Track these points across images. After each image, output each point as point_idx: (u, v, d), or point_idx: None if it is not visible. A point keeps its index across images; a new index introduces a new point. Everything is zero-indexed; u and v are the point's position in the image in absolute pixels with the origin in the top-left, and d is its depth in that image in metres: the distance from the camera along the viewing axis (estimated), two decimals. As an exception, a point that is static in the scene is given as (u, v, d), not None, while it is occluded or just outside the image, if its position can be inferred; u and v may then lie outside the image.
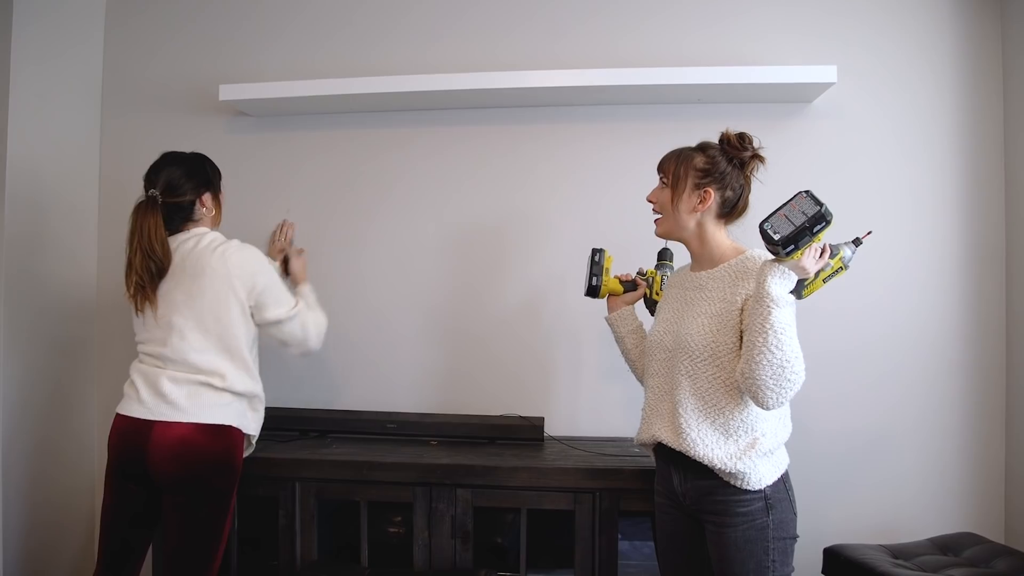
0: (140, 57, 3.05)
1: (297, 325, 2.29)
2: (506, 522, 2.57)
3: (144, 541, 2.21)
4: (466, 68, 2.74)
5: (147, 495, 2.12)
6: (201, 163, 2.32)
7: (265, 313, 2.22)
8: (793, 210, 1.57)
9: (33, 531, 2.70)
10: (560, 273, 2.77)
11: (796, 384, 1.62)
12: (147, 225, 2.13)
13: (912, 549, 2.30)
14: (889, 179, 2.67)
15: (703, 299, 1.82)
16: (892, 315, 2.66)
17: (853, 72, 2.66)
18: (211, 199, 2.30)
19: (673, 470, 1.86)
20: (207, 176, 2.31)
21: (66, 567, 2.87)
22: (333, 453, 2.40)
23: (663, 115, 2.73)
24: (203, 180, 2.29)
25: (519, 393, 2.78)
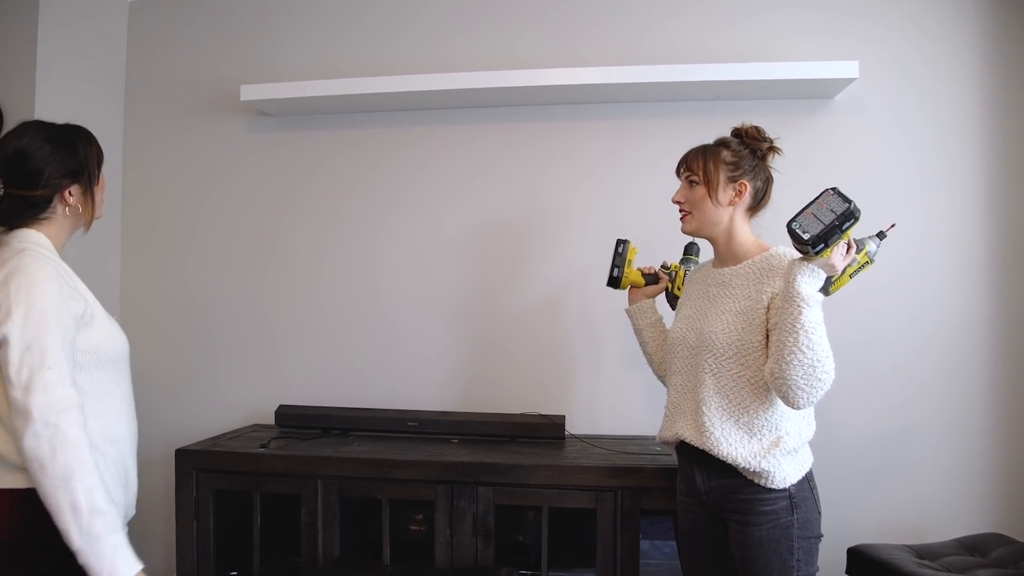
0: (162, 60, 3.09)
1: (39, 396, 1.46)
2: (527, 520, 2.57)
3: None
4: (483, 66, 2.75)
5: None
6: (62, 144, 1.68)
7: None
8: (821, 208, 1.56)
9: None
10: (581, 270, 2.76)
11: (827, 383, 1.61)
12: None
13: (938, 549, 2.27)
14: (911, 174, 2.64)
15: (727, 296, 1.81)
16: (916, 311, 2.63)
17: (875, 67, 2.63)
18: (79, 192, 1.69)
19: (696, 468, 1.85)
20: (69, 161, 1.68)
21: None
22: (355, 451, 2.41)
23: (682, 112, 2.72)
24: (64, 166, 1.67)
25: (540, 391, 2.79)
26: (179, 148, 3.05)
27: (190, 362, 3.02)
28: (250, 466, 2.38)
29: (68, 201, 1.68)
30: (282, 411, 2.74)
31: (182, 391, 3.00)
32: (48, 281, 1.54)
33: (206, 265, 3.00)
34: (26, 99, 2.65)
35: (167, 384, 2.99)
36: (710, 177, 1.84)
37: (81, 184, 1.69)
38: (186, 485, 2.41)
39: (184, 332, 3.03)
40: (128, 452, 1.71)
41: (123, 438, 1.69)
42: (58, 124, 1.73)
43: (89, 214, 1.73)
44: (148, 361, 2.93)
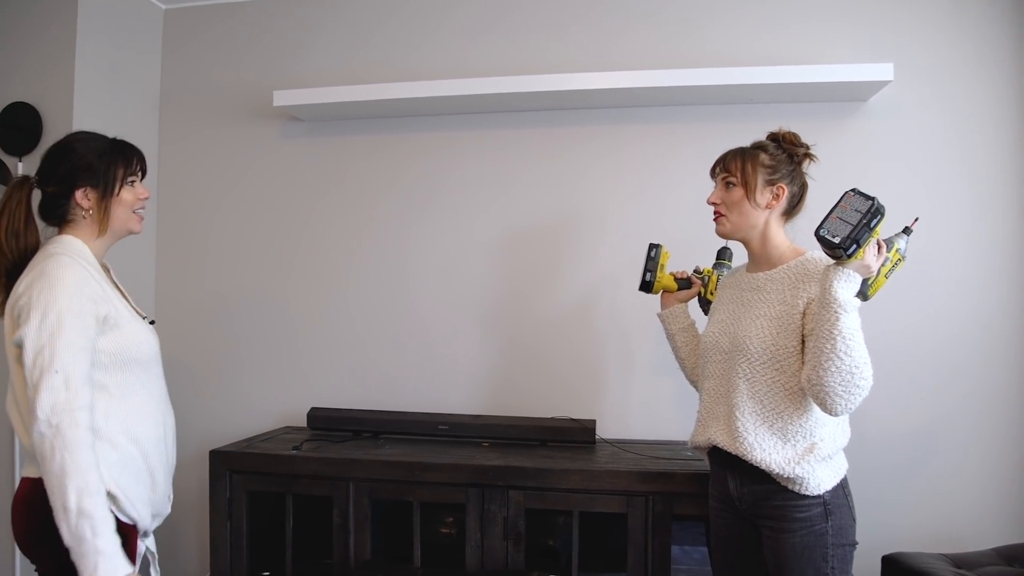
0: (196, 66, 3.14)
1: (45, 397, 1.52)
2: (558, 525, 2.56)
3: None
4: (515, 71, 2.76)
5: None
6: (88, 144, 1.77)
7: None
8: (845, 211, 1.55)
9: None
10: (613, 274, 2.76)
11: (865, 390, 1.60)
12: (4, 212, 1.72)
13: (975, 559, 2.24)
14: (948, 179, 2.61)
15: (761, 301, 1.80)
16: (952, 317, 2.60)
17: (910, 69, 2.60)
18: (95, 197, 1.75)
19: (729, 474, 1.84)
20: (91, 165, 1.73)
21: None
22: (386, 454, 2.42)
23: (715, 116, 2.71)
24: (83, 168, 1.73)
25: (570, 395, 2.79)
26: (213, 153, 3.09)
27: (223, 364, 3.06)
28: (283, 468, 2.40)
29: (83, 204, 1.74)
30: (314, 413, 2.76)
31: (215, 393, 3.03)
32: (68, 285, 1.60)
33: (239, 269, 3.04)
34: (64, 106, 2.70)
35: (200, 386, 3.03)
36: (748, 179, 1.82)
37: (98, 190, 1.74)
38: (220, 486, 2.44)
39: (217, 335, 3.07)
40: (154, 451, 1.75)
41: (148, 438, 1.73)
42: (103, 136, 1.80)
43: (105, 222, 1.76)
44: (181, 363, 2.97)
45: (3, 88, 2.75)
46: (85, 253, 1.73)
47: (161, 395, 1.83)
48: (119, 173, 1.76)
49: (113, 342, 1.68)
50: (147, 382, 1.77)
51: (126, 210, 1.79)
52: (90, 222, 1.75)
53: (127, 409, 1.69)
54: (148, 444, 1.73)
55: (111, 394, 1.67)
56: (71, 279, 1.62)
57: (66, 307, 1.59)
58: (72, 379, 1.55)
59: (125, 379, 1.70)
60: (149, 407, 1.76)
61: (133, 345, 1.72)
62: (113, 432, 1.65)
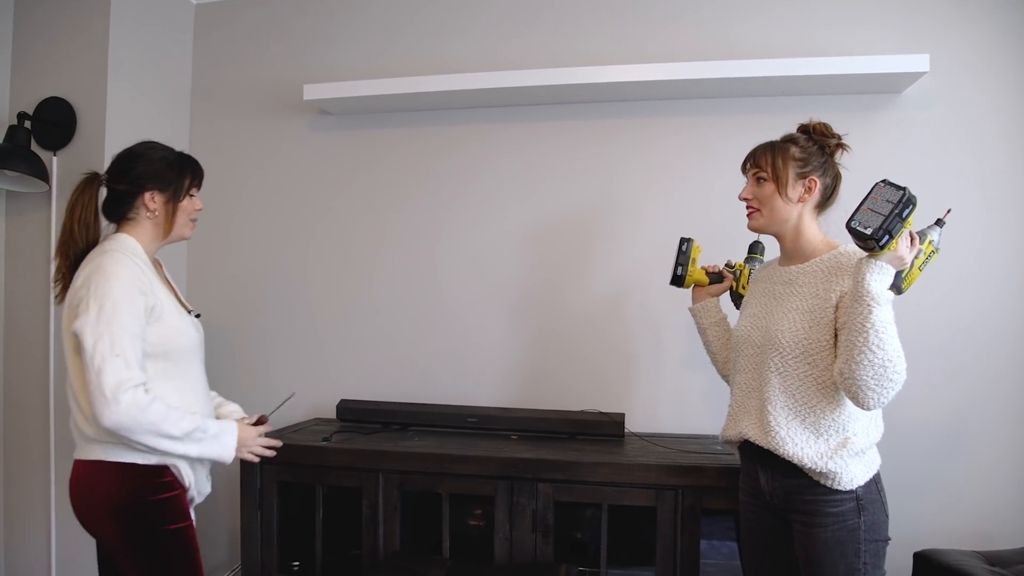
0: (226, 60, 3.16)
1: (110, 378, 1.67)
2: (586, 518, 2.57)
3: None
4: (546, 63, 2.76)
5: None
6: (161, 152, 1.95)
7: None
8: (876, 202, 1.54)
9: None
10: (644, 268, 2.75)
11: (898, 384, 1.58)
12: (75, 205, 1.88)
13: (1010, 557, 2.21)
14: (983, 171, 2.57)
15: (794, 294, 1.79)
16: (984, 310, 2.56)
17: (946, 60, 2.57)
18: (161, 200, 1.92)
19: (760, 469, 1.83)
20: (163, 172, 1.92)
21: None
22: (415, 446, 2.44)
23: (747, 108, 2.68)
24: (156, 173, 1.91)
25: (599, 388, 2.78)
26: (243, 146, 3.11)
27: (253, 356, 3.09)
28: (313, 459, 2.42)
29: (149, 206, 1.91)
30: (344, 405, 2.78)
31: (245, 384, 3.06)
32: (122, 279, 1.76)
33: (269, 261, 3.06)
34: (98, 100, 2.73)
35: (230, 377, 3.05)
36: (779, 173, 1.81)
37: (166, 194, 1.92)
38: (250, 477, 2.47)
39: (247, 327, 3.10)
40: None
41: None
42: (172, 148, 1.99)
43: (169, 225, 1.94)
44: (210, 355, 2.98)
45: (38, 84, 2.78)
46: (138, 251, 1.88)
47: (199, 383, 1.98)
48: (186, 183, 1.96)
49: (156, 333, 1.82)
50: (187, 371, 1.92)
51: (185, 217, 1.97)
52: (152, 223, 1.92)
53: (169, 395, 1.82)
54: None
55: (156, 381, 1.81)
56: (125, 273, 1.77)
57: (121, 298, 1.74)
58: (131, 361, 1.71)
59: (167, 368, 1.85)
60: (187, 394, 1.90)
61: (175, 336, 1.86)
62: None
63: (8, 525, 2.82)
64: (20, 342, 2.81)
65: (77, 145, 2.75)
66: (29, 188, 2.70)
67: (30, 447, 2.78)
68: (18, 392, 2.81)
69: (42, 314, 2.76)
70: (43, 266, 2.76)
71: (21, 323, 2.80)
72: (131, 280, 1.78)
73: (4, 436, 2.82)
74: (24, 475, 2.79)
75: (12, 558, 2.81)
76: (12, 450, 2.81)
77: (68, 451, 2.67)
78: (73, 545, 2.72)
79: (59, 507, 2.74)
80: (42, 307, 2.76)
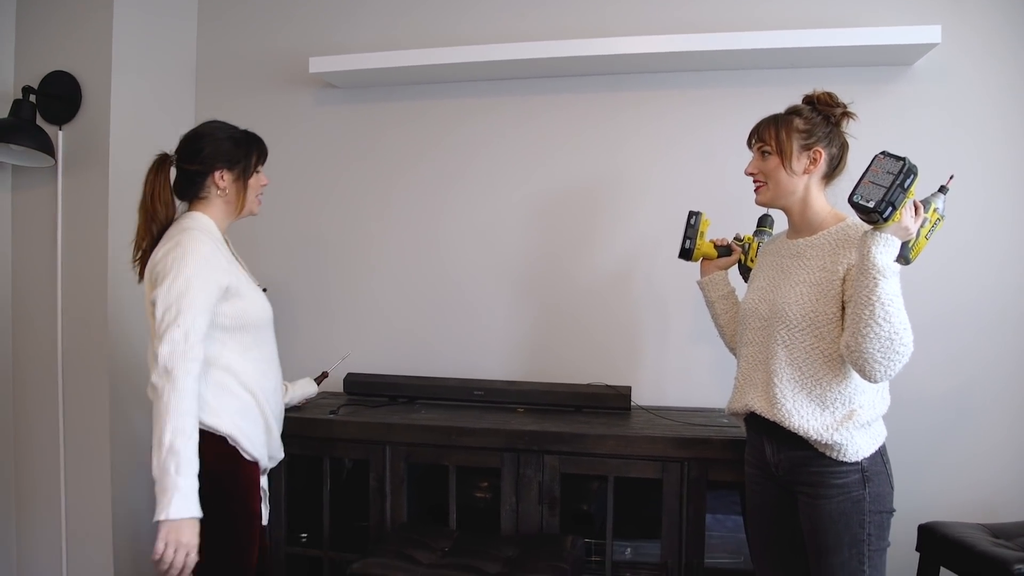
0: (231, 33, 3.14)
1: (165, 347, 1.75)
2: (592, 490, 2.58)
3: None
4: (553, 36, 2.73)
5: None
6: (228, 132, 2.03)
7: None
8: (877, 174, 1.53)
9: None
10: (652, 242, 2.75)
11: (905, 356, 1.59)
12: (153, 184, 1.95)
13: (1014, 529, 2.21)
14: (996, 145, 2.54)
15: (801, 267, 1.79)
16: (991, 284, 2.55)
17: (958, 32, 2.53)
18: (230, 178, 1.99)
19: (766, 440, 1.84)
20: (230, 151, 2.00)
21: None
22: (422, 418, 2.45)
23: (756, 81, 2.66)
24: (223, 152, 1.98)
25: (606, 362, 2.78)
26: (248, 120, 3.01)
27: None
28: (320, 432, 2.44)
29: (219, 184, 1.98)
30: (350, 379, 2.79)
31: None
32: (198, 256, 1.84)
33: (274, 236, 3.06)
34: (103, 74, 2.72)
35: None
36: (783, 146, 1.80)
37: (235, 172, 1.99)
38: (259, 449, 2.48)
39: (255, 301, 3.10)
40: (267, 401, 1.97)
41: (263, 389, 1.96)
42: (237, 127, 2.06)
43: (240, 203, 2.02)
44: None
45: (43, 57, 2.77)
46: (212, 229, 1.97)
47: (272, 354, 2.06)
48: (253, 159, 2.04)
49: (235, 307, 1.90)
50: (261, 342, 2.00)
51: (253, 193, 2.06)
52: (222, 201, 2.00)
53: (245, 365, 1.92)
54: (262, 395, 1.95)
55: (232, 352, 1.90)
56: (201, 251, 1.86)
57: (194, 274, 1.81)
58: (190, 334, 1.77)
59: (244, 339, 1.93)
60: (262, 364, 1.99)
61: (252, 310, 1.96)
62: (233, 384, 1.89)
63: (19, 504, 2.85)
64: (29, 316, 2.82)
65: (83, 119, 2.75)
66: (35, 163, 2.70)
67: (40, 419, 2.80)
68: (27, 365, 2.82)
69: (50, 288, 2.77)
70: (50, 240, 2.76)
71: (30, 297, 2.82)
72: (207, 258, 1.86)
73: (14, 407, 2.84)
74: (34, 445, 2.82)
75: (24, 541, 2.85)
76: (22, 419, 2.83)
77: (76, 419, 2.72)
78: (83, 530, 2.76)
79: (68, 480, 2.77)
80: (50, 281, 2.77)
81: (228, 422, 1.86)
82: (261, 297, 2.04)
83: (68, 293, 2.76)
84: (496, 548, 2.18)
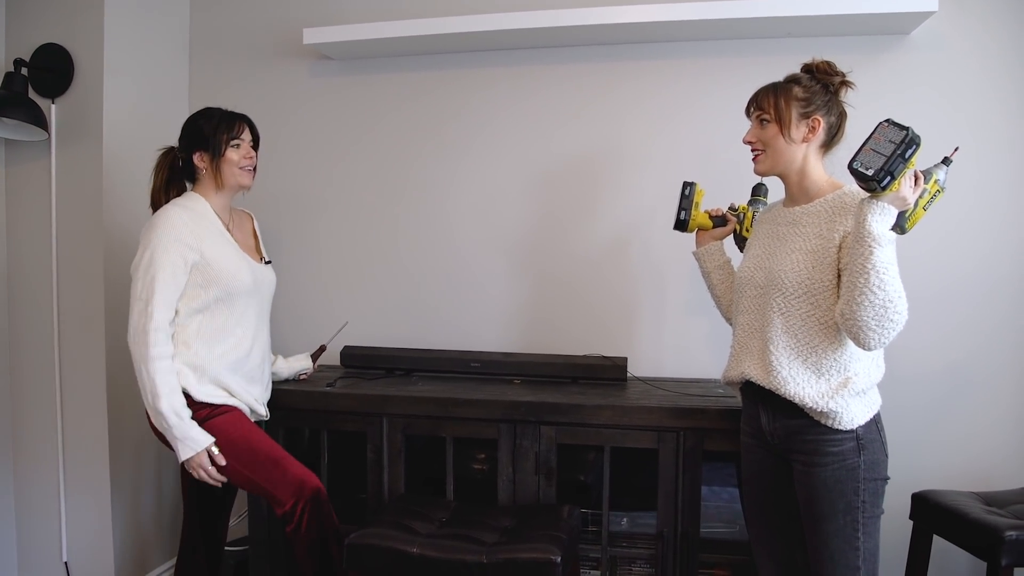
0: (226, 5, 3.11)
1: (133, 317, 2.05)
2: (589, 460, 2.59)
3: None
4: (556, 4, 2.69)
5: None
6: (203, 116, 2.23)
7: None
8: (879, 142, 1.53)
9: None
10: (647, 213, 2.74)
11: (899, 324, 1.59)
12: (156, 178, 2.25)
13: (1006, 497, 2.24)
14: (993, 114, 2.53)
15: (797, 235, 1.79)
16: (988, 254, 2.55)
17: (955, 1, 2.51)
18: (208, 158, 2.20)
19: (761, 409, 1.85)
20: (199, 130, 2.20)
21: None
22: (419, 390, 2.45)
23: (751, 51, 2.65)
24: (196, 135, 2.20)
25: (602, 333, 2.79)
26: (242, 93, 3.07)
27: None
28: (318, 404, 2.44)
29: (199, 165, 2.20)
30: (347, 352, 2.80)
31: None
32: (166, 230, 2.06)
33: (270, 210, 3.04)
34: (95, 46, 2.69)
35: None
36: (782, 115, 1.79)
37: (208, 152, 2.18)
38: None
39: (251, 275, 3.09)
40: (240, 363, 2.20)
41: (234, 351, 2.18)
42: (221, 110, 2.24)
43: (219, 178, 2.20)
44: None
45: (34, 30, 2.74)
46: (199, 205, 2.18)
47: (251, 324, 2.24)
48: (223, 138, 2.19)
49: (204, 276, 2.11)
50: (234, 308, 2.18)
51: (232, 167, 2.21)
52: (208, 179, 2.21)
53: (215, 328, 2.14)
54: (231, 355, 2.17)
55: (202, 316, 2.12)
56: (168, 225, 2.07)
57: (158, 247, 2.04)
58: (150, 305, 2.01)
59: (216, 306, 2.14)
60: (234, 328, 2.19)
61: (225, 279, 2.14)
62: (199, 346, 2.11)
63: (18, 478, 2.86)
64: (24, 290, 2.81)
65: (75, 92, 2.72)
66: (28, 136, 2.68)
67: (36, 392, 2.80)
68: (23, 339, 2.82)
69: (45, 262, 2.76)
70: (44, 215, 2.75)
71: (24, 272, 2.81)
72: (172, 233, 2.06)
73: (11, 384, 2.84)
74: (31, 419, 2.82)
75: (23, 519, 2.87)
76: (20, 396, 2.84)
77: (73, 392, 2.73)
78: (82, 505, 2.77)
79: (66, 452, 2.78)
80: (45, 255, 2.76)
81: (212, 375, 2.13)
82: (245, 268, 2.22)
83: (63, 268, 2.75)
84: (493, 518, 2.19)
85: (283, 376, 2.54)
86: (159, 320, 2.02)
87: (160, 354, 2.01)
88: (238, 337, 2.20)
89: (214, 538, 2.42)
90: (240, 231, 2.33)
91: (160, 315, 2.02)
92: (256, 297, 2.26)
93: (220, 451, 2.08)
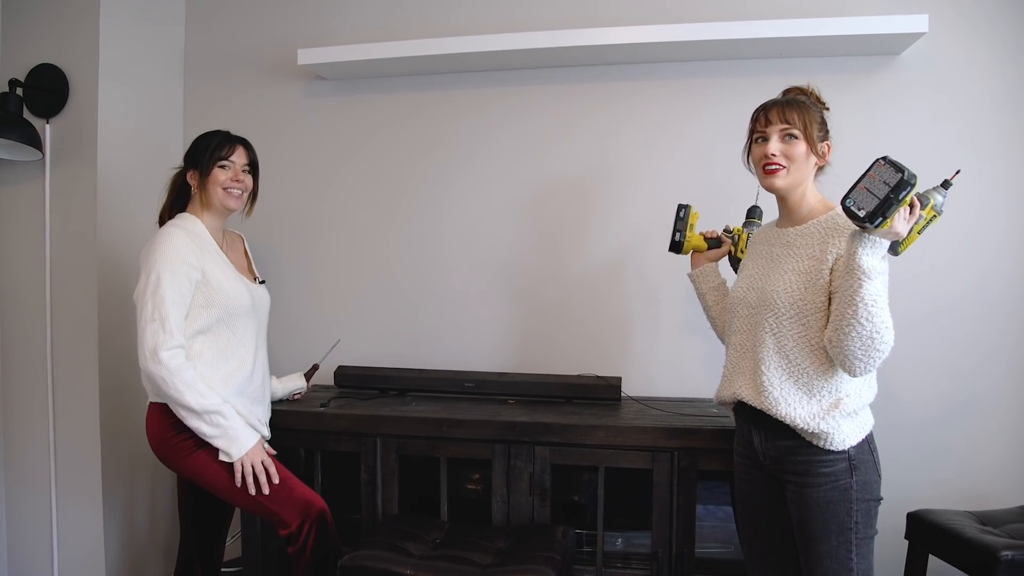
0: (219, 24, 3.12)
1: (149, 339, 2.02)
2: (583, 480, 2.59)
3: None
4: (548, 26, 2.72)
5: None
6: (204, 136, 2.26)
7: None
8: (873, 181, 1.50)
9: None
10: (642, 234, 2.75)
11: (884, 353, 1.61)
12: (166, 195, 2.31)
13: (1001, 516, 2.24)
14: (984, 134, 2.55)
15: (790, 256, 1.79)
16: (983, 275, 2.56)
17: (945, 21, 2.54)
18: (198, 177, 2.21)
19: (754, 429, 1.85)
20: (195, 149, 2.24)
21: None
22: (413, 410, 2.45)
23: (743, 71, 2.66)
24: (189, 154, 2.25)
25: (596, 353, 2.79)
26: (237, 113, 3.08)
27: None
28: (312, 425, 2.43)
29: (191, 184, 2.23)
30: (341, 372, 2.79)
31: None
32: (166, 250, 2.06)
33: (263, 228, 3.03)
34: (90, 67, 2.70)
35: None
36: (810, 133, 1.79)
37: (197, 171, 2.20)
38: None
39: (245, 294, 3.08)
40: (240, 383, 2.17)
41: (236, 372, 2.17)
42: (219, 132, 2.26)
43: (206, 198, 2.21)
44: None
45: (29, 50, 2.75)
46: (193, 225, 2.18)
47: (250, 343, 2.23)
48: (206, 157, 2.19)
49: (206, 296, 2.11)
50: (236, 329, 2.18)
51: (217, 188, 2.20)
52: (199, 199, 2.23)
53: (217, 350, 2.13)
54: (235, 377, 2.16)
55: (202, 336, 2.11)
56: (169, 246, 2.07)
57: (164, 268, 2.04)
58: (167, 324, 2.01)
59: (213, 326, 2.13)
60: (236, 349, 2.18)
61: (225, 300, 2.14)
62: (203, 368, 2.09)
63: (8, 497, 2.85)
64: (17, 310, 2.80)
65: (70, 112, 2.72)
66: (22, 156, 2.68)
67: (28, 413, 2.79)
68: (16, 358, 2.81)
69: (38, 283, 2.75)
70: (38, 235, 2.75)
71: (17, 292, 2.80)
72: (175, 250, 2.07)
73: (3, 403, 2.83)
74: (24, 438, 2.81)
75: (14, 526, 2.85)
76: (12, 415, 2.82)
77: (66, 414, 2.71)
78: (74, 512, 2.75)
79: (59, 472, 2.77)
80: (38, 276, 2.75)
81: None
82: (242, 288, 2.21)
83: (57, 288, 2.74)
84: (487, 539, 2.18)
85: (277, 396, 2.52)
86: (179, 338, 2.03)
87: (186, 365, 2.02)
88: (240, 358, 2.19)
89: (211, 559, 2.40)
90: (233, 252, 2.34)
91: (179, 333, 2.03)
92: (254, 317, 2.26)
93: (226, 471, 2.09)
